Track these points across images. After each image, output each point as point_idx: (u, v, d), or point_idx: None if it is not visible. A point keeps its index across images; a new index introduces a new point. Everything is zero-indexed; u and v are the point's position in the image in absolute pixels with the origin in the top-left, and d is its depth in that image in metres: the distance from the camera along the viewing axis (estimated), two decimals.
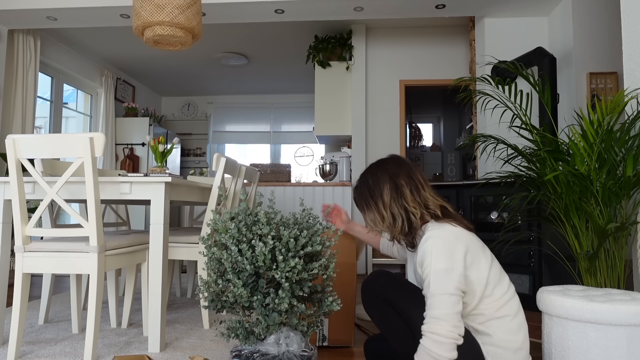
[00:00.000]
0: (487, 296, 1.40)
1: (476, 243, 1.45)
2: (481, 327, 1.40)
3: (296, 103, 7.84)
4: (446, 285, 1.34)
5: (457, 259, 1.37)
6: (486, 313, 1.40)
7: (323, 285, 1.69)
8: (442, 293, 1.34)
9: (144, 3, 2.43)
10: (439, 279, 1.35)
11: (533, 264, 3.08)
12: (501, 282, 1.43)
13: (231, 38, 5.38)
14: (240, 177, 2.86)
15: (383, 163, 1.61)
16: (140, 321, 2.65)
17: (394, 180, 1.54)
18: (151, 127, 6.30)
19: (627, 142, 1.87)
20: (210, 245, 1.59)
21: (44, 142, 1.95)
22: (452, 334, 1.31)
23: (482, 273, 1.40)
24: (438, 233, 1.41)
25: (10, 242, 2.39)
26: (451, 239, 1.40)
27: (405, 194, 1.51)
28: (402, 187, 1.52)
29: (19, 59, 4.50)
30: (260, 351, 1.48)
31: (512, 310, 1.41)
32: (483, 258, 1.43)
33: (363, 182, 1.61)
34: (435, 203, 1.52)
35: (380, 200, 1.54)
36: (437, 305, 1.34)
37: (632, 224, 1.79)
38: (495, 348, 1.39)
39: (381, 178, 1.56)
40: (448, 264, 1.36)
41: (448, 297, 1.34)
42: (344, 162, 5.25)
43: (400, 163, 1.59)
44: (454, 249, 1.38)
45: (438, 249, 1.38)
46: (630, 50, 2.17)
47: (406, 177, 1.54)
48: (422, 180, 1.56)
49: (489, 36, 4.21)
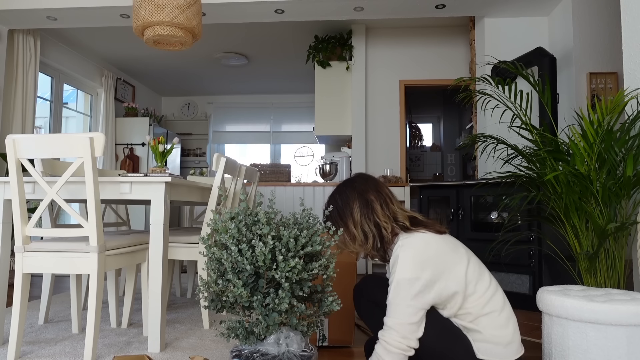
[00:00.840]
0: (470, 294, 1.41)
1: (448, 245, 1.46)
2: (471, 325, 1.41)
3: (296, 103, 7.84)
4: (405, 295, 1.36)
5: (425, 268, 1.38)
6: (473, 311, 1.41)
7: (323, 285, 1.69)
8: (399, 303, 1.36)
9: (144, 3, 2.43)
10: (399, 288, 1.37)
11: (533, 264, 3.08)
12: (482, 278, 1.44)
13: (231, 38, 5.38)
14: (240, 177, 2.86)
15: (350, 181, 1.62)
16: (140, 321, 2.65)
17: (363, 197, 1.54)
18: (151, 127, 6.30)
19: (627, 142, 1.87)
20: (210, 245, 1.59)
21: (44, 142, 1.95)
22: (401, 345, 1.33)
23: (459, 273, 1.41)
24: (408, 242, 1.43)
25: (10, 242, 2.39)
26: (421, 246, 1.41)
27: (375, 209, 1.52)
28: (372, 202, 1.53)
29: (19, 59, 4.50)
30: (260, 351, 1.48)
31: (498, 305, 1.42)
32: (457, 259, 1.43)
33: (332, 203, 1.61)
34: (404, 215, 1.53)
35: (351, 219, 1.54)
36: (393, 314, 1.36)
37: (632, 224, 1.79)
38: (487, 344, 1.40)
39: (350, 196, 1.56)
40: (413, 274, 1.37)
41: (405, 308, 1.35)
42: (344, 162, 5.25)
43: (367, 179, 1.60)
44: (422, 258, 1.39)
45: (406, 258, 1.39)
46: (630, 50, 2.17)
47: (375, 192, 1.55)
48: (390, 194, 1.58)
49: (489, 36, 4.22)
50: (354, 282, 2.19)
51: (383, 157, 5.13)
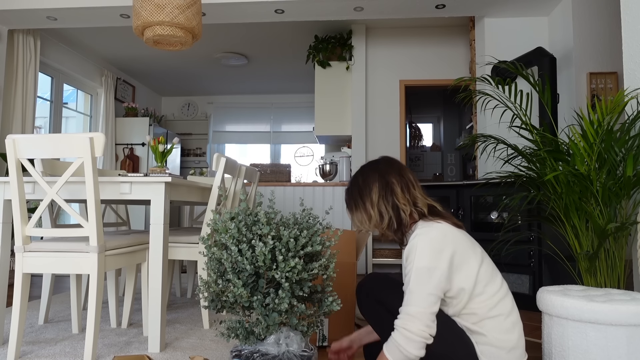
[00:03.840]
0: (477, 294, 1.40)
1: (465, 241, 1.45)
2: (475, 327, 1.40)
3: (296, 103, 7.84)
4: (426, 284, 1.35)
5: (442, 258, 1.38)
6: (479, 312, 1.40)
7: (323, 285, 1.69)
8: (420, 291, 1.35)
9: (144, 3, 2.43)
10: (419, 277, 1.36)
11: (533, 264, 3.08)
12: (493, 280, 1.43)
13: (231, 38, 5.38)
14: (240, 177, 2.86)
15: (374, 163, 1.63)
16: (140, 321, 2.65)
17: (384, 178, 1.56)
18: (151, 127, 6.30)
19: (627, 142, 1.87)
20: (210, 245, 1.59)
21: (44, 142, 1.95)
22: (424, 333, 1.32)
23: (471, 271, 1.40)
24: (427, 230, 1.42)
25: (10, 242, 2.39)
26: (439, 237, 1.41)
27: (395, 191, 1.53)
28: (393, 185, 1.54)
29: (19, 59, 4.50)
30: (260, 351, 1.48)
31: (506, 309, 1.41)
32: (472, 256, 1.42)
33: (354, 182, 1.63)
34: (424, 202, 1.53)
35: (369, 199, 1.55)
36: (414, 302, 1.35)
37: (632, 224, 1.79)
38: (490, 347, 1.39)
39: (371, 177, 1.58)
40: (432, 263, 1.37)
41: (426, 297, 1.35)
42: (344, 162, 5.25)
43: (391, 162, 1.61)
44: (440, 248, 1.39)
45: (424, 247, 1.39)
46: (630, 50, 2.17)
47: (397, 175, 1.56)
48: (413, 180, 1.58)
49: (489, 36, 4.22)
50: (354, 282, 2.19)
51: None
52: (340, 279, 2.17)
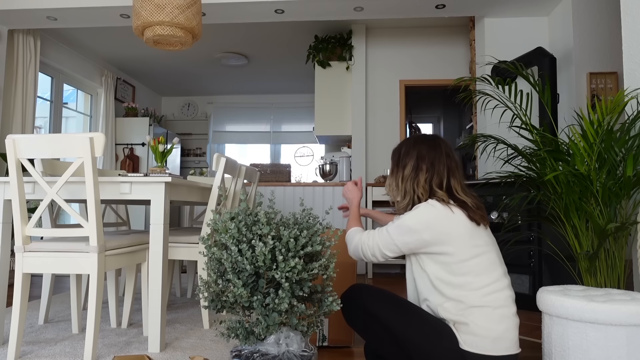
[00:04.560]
0: (461, 282, 1.44)
1: (467, 229, 1.46)
2: (458, 317, 1.42)
3: (296, 103, 7.84)
4: (397, 237, 1.50)
5: (429, 230, 1.45)
6: (465, 301, 1.42)
7: (323, 285, 1.69)
8: (390, 237, 1.52)
9: (144, 3, 2.43)
10: (399, 229, 1.50)
11: (533, 264, 3.08)
12: (487, 273, 1.45)
13: (231, 38, 5.38)
14: (240, 177, 2.86)
15: (421, 141, 1.64)
16: (140, 321, 2.65)
17: (417, 162, 1.59)
18: (151, 127, 6.30)
19: (627, 142, 1.87)
20: (210, 245, 1.59)
21: (44, 142, 1.95)
22: (367, 253, 1.58)
23: (460, 255, 1.44)
24: (434, 203, 1.49)
25: (10, 242, 2.39)
26: (440, 214, 1.46)
27: (419, 180, 1.57)
28: (420, 172, 1.57)
29: (19, 59, 4.50)
30: (260, 351, 1.48)
31: (496, 302, 1.42)
32: (467, 243, 1.45)
33: (400, 146, 1.68)
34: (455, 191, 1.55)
35: (402, 171, 1.62)
36: (380, 237, 1.55)
37: (632, 224, 1.79)
38: (473, 337, 1.40)
39: (411, 154, 1.62)
40: (416, 226, 1.47)
41: (392, 242, 1.52)
42: (344, 162, 5.25)
43: (433, 147, 1.61)
44: (433, 221, 1.46)
45: (421, 212, 1.48)
46: (630, 50, 2.17)
47: (429, 164, 1.58)
48: (444, 173, 1.56)
49: (489, 36, 4.21)
50: (353, 282, 2.19)
51: (383, 157, 5.13)
52: (340, 279, 2.17)
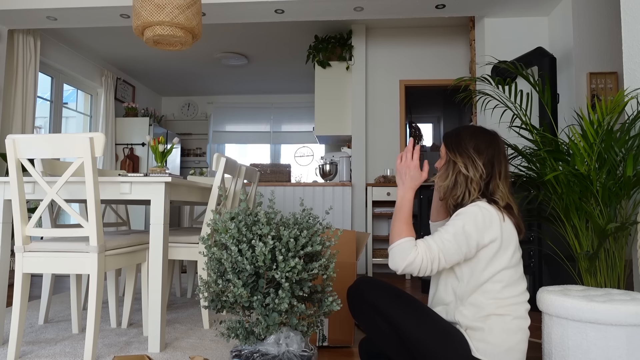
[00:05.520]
0: (492, 289, 1.42)
1: (512, 239, 1.47)
2: (474, 323, 1.41)
3: (296, 103, 7.84)
4: (459, 242, 1.42)
5: (482, 235, 1.42)
6: (487, 308, 1.41)
7: (323, 285, 1.69)
8: (451, 241, 1.42)
9: (144, 3, 2.43)
10: (458, 234, 1.42)
11: (533, 264, 3.08)
12: (514, 285, 1.45)
13: (231, 38, 5.38)
14: (240, 177, 2.86)
15: (479, 134, 1.58)
16: (140, 321, 2.65)
17: (471, 155, 1.52)
18: (151, 127, 6.30)
19: (627, 142, 1.87)
20: (210, 245, 1.59)
21: (44, 142, 1.94)
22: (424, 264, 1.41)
23: (499, 262, 1.43)
24: (487, 206, 1.45)
25: (10, 242, 2.39)
26: (494, 218, 1.44)
27: (474, 174, 1.51)
28: (476, 167, 1.51)
29: (19, 59, 4.50)
30: (260, 351, 1.48)
31: (516, 313, 1.43)
32: (504, 256, 1.44)
33: (457, 132, 1.60)
34: (501, 196, 1.52)
35: (453, 161, 1.55)
36: (438, 241, 1.43)
37: (632, 224, 1.79)
38: (486, 345, 1.39)
39: (467, 145, 1.54)
40: (471, 231, 1.41)
41: (453, 254, 1.42)
42: (344, 162, 5.25)
43: (491, 144, 1.55)
44: (486, 224, 1.42)
45: (477, 217, 1.43)
46: (630, 50, 2.17)
47: (485, 159, 1.52)
48: (494, 172, 1.53)
49: (489, 36, 4.21)
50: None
51: (383, 157, 5.13)
52: (340, 279, 2.17)
